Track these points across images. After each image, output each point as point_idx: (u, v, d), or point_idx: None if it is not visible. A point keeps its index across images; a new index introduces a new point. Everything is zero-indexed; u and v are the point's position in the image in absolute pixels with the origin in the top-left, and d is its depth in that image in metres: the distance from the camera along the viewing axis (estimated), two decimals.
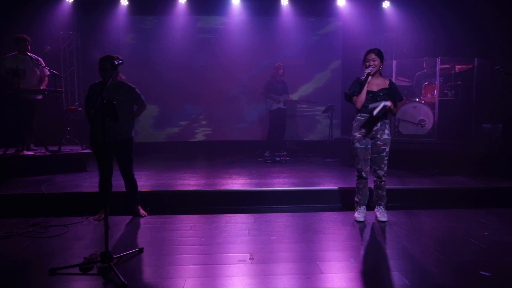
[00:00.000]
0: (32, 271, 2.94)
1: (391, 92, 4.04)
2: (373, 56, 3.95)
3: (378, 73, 4.05)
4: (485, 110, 6.81)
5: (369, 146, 4.04)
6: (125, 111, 4.03)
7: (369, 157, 4.07)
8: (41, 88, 5.89)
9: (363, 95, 3.95)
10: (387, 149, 4.04)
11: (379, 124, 4.02)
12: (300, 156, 7.71)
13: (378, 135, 4.03)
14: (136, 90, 4.14)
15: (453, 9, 7.49)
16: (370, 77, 3.94)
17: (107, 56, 3.87)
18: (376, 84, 4.01)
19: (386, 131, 4.05)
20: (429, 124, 6.43)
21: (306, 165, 6.80)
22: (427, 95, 6.69)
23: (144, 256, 3.19)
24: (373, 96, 3.98)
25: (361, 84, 3.98)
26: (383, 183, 4.10)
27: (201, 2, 8.32)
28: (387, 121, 4.08)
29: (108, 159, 4.02)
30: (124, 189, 4.28)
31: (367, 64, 3.97)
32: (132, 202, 4.29)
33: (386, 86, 4.04)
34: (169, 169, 6.26)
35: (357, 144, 4.03)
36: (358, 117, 4.06)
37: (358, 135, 4.03)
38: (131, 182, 4.23)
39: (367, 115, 4.01)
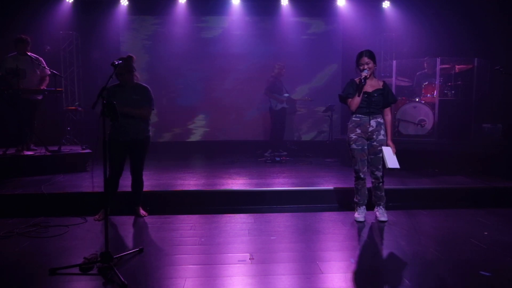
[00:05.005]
0: (32, 271, 2.93)
1: (385, 93, 4.04)
2: (366, 59, 3.94)
3: (372, 74, 4.04)
4: (485, 110, 6.81)
5: (365, 147, 4.05)
6: None
7: (366, 157, 4.07)
8: (42, 88, 5.89)
9: (358, 99, 3.95)
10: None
11: (374, 125, 4.02)
12: (300, 156, 7.71)
13: (374, 136, 4.03)
14: (150, 92, 4.12)
15: (453, 9, 7.49)
16: (366, 81, 3.93)
17: (127, 57, 3.86)
18: (370, 85, 4.01)
19: (382, 132, 4.05)
20: (429, 124, 6.43)
21: (306, 165, 6.80)
22: (427, 95, 6.69)
23: (144, 256, 3.19)
24: (368, 97, 3.98)
25: (356, 86, 3.98)
26: (381, 184, 4.10)
27: (201, 2, 8.32)
28: (382, 121, 4.08)
29: (122, 159, 4.03)
30: (124, 189, 4.28)
31: (361, 67, 3.95)
32: (135, 201, 4.29)
33: (380, 87, 4.05)
34: (169, 169, 6.26)
35: (354, 146, 4.04)
36: (353, 118, 4.06)
37: (354, 136, 4.03)
38: (139, 182, 4.23)
39: (362, 116, 4.01)
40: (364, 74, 3.91)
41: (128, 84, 4.02)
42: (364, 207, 4.19)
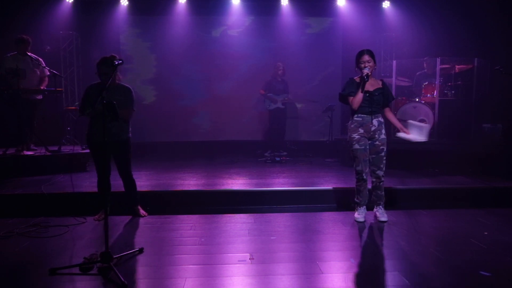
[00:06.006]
0: (32, 271, 2.93)
1: (385, 92, 4.06)
2: (367, 57, 3.94)
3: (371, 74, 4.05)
4: (485, 110, 6.81)
5: (367, 147, 4.04)
6: None
7: (368, 158, 4.06)
8: (41, 88, 5.89)
9: (360, 96, 3.94)
10: (385, 149, 4.05)
11: (376, 124, 4.02)
12: (300, 156, 7.71)
13: (376, 135, 4.03)
14: (133, 93, 4.13)
15: (453, 9, 7.49)
16: (369, 78, 3.93)
17: (103, 59, 3.85)
18: (371, 84, 4.01)
19: (383, 131, 4.06)
20: (429, 124, 6.43)
21: (306, 165, 6.80)
22: (427, 95, 6.69)
23: (144, 256, 3.19)
24: (370, 96, 3.98)
25: (357, 85, 3.98)
26: (382, 183, 4.10)
27: (201, 2, 8.32)
28: (383, 121, 4.08)
29: (107, 159, 4.03)
30: (123, 189, 4.28)
31: (362, 66, 3.94)
32: (132, 202, 4.29)
33: (380, 86, 4.06)
34: (169, 169, 6.26)
35: (357, 146, 4.02)
36: (355, 118, 4.04)
37: (357, 136, 4.01)
38: (129, 182, 4.23)
39: (365, 115, 4.00)
40: (365, 71, 3.90)
41: (110, 84, 3.99)
42: (364, 207, 4.18)
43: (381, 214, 4.12)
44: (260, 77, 8.00)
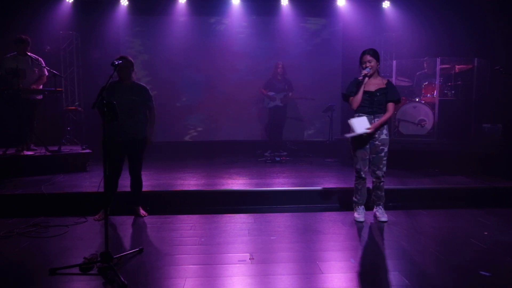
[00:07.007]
0: (32, 271, 2.93)
1: (388, 92, 4.01)
2: (368, 57, 3.94)
3: (376, 73, 4.04)
4: (485, 110, 6.82)
5: (367, 146, 4.04)
6: (140, 111, 4.08)
7: (368, 157, 4.06)
8: (37, 87, 5.86)
9: (359, 96, 3.95)
10: (386, 150, 4.04)
11: None
12: (300, 156, 7.71)
13: (376, 135, 4.03)
14: (149, 91, 4.16)
15: (453, 9, 7.49)
16: (366, 79, 3.94)
17: (122, 57, 3.86)
18: (374, 84, 4.01)
19: (385, 131, 4.05)
20: (429, 124, 6.44)
21: (306, 165, 6.80)
22: (427, 95, 6.70)
23: (144, 256, 3.19)
24: (371, 96, 3.98)
25: (358, 84, 3.99)
26: (382, 183, 4.10)
27: (201, 2, 8.31)
28: None
29: (120, 159, 4.03)
30: (124, 189, 4.28)
31: (364, 66, 3.95)
32: (135, 201, 4.30)
33: (384, 86, 4.04)
34: (169, 169, 6.26)
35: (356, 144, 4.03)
36: (356, 117, 4.05)
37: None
38: (137, 182, 4.23)
39: (365, 115, 4.01)
40: (365, 72, 3.91)
41: (125, 80, 4.01)
42: (363, 207, 4.19)
43: (381, 214, 4.12)
44: (260, 77, 8.01)
